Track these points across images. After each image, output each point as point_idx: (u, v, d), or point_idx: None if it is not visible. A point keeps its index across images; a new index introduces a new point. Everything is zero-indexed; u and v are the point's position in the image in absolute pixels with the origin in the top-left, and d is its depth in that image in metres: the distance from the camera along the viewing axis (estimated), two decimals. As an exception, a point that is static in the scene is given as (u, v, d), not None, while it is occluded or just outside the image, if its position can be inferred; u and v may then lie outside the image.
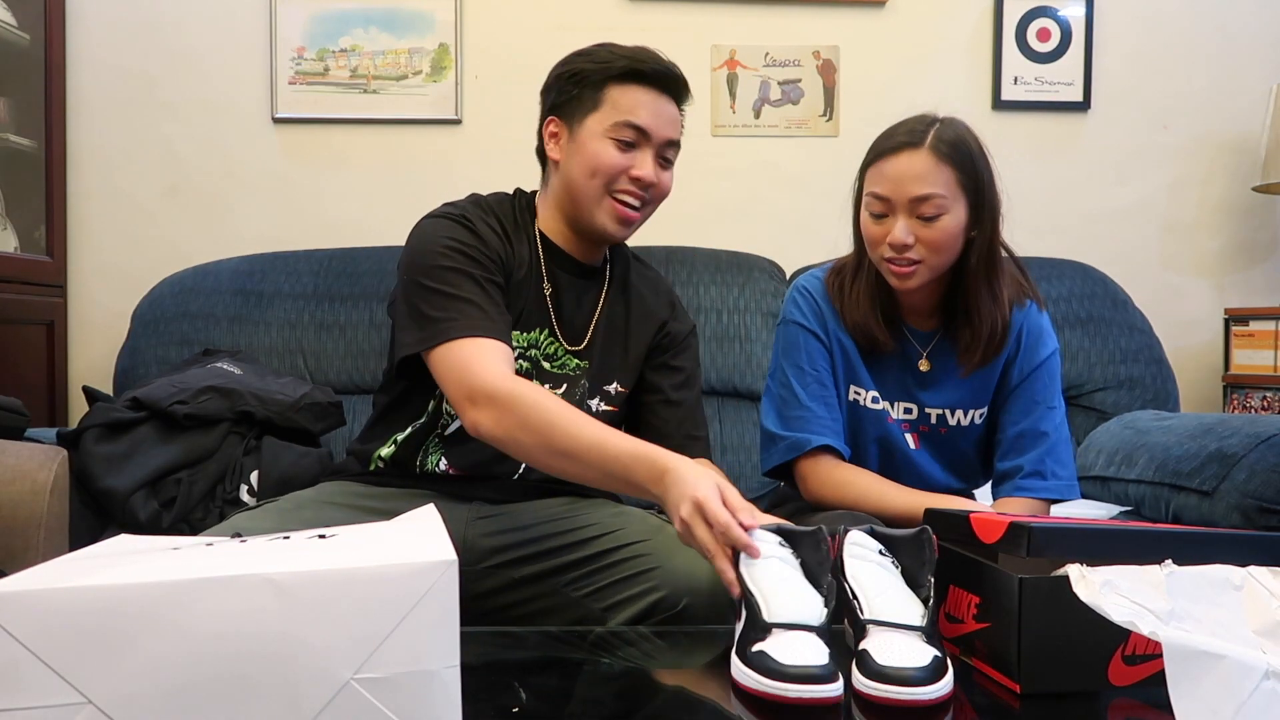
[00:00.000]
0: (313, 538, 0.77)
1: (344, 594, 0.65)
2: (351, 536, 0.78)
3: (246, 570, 0.63)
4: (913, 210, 1.27)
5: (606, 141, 1.31)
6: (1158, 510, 1.76)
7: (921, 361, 1.40)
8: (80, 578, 0.63)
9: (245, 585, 0.63)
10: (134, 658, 0.61)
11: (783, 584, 0.94)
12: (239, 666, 0.63)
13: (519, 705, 0.82)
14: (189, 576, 0.63)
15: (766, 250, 2.32)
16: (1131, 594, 0.80)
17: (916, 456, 1.42)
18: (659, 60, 1.33)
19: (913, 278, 1.30)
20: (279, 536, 0.79)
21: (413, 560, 0.67)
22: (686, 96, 1.37)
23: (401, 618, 0.66)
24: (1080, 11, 2.51)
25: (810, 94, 2.48)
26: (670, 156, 1.36)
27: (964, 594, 0.99)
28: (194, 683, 0.62)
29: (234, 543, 0.77)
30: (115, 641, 0.61)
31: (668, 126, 1.34)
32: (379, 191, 2.42)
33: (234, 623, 0.63)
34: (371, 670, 0.65)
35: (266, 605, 0.63)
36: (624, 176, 1.31)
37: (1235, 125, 2.54)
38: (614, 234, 1.35)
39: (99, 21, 2.37)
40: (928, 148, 1.27)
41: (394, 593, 0.66)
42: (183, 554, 0.72)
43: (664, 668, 1.05)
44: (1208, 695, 0.73)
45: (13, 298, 2.16)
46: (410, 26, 2.41)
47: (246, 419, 1.73)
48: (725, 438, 2.13)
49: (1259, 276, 2.58)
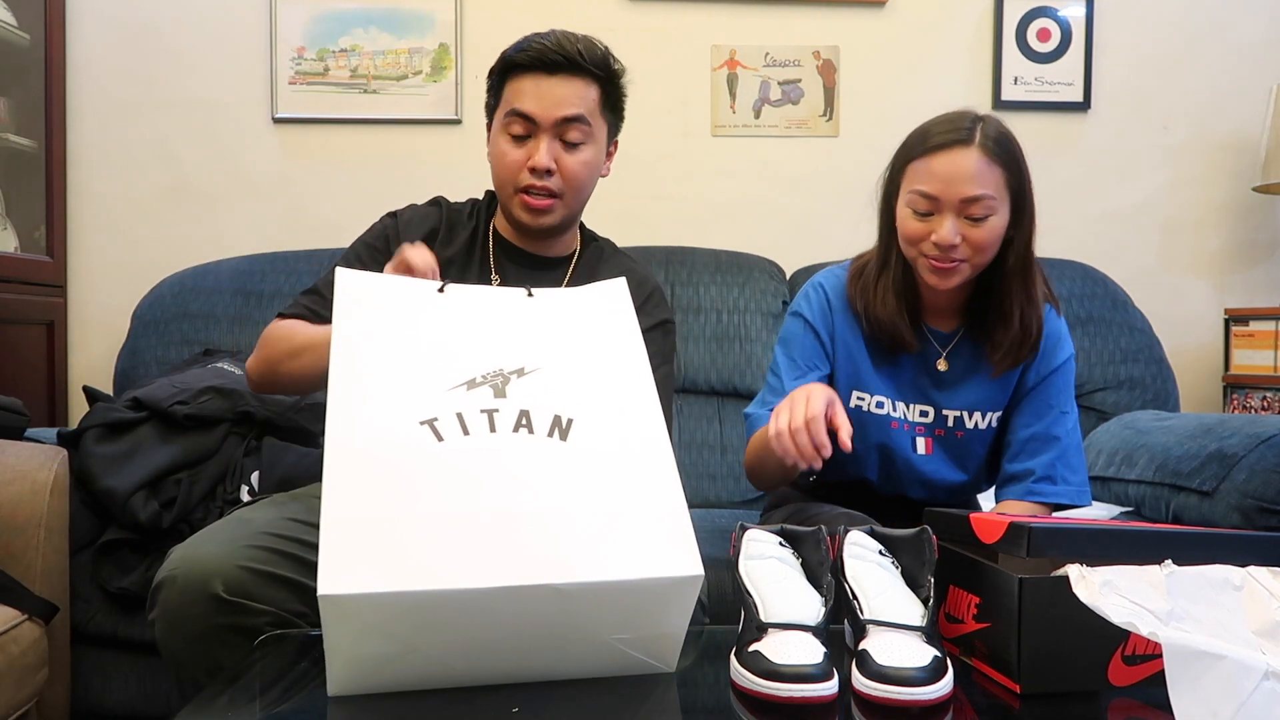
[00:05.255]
0: (552, 430, 0.92)
1: (611, 597, 0.83)
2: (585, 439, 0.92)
3: (538, 581, 0.81)
4: (962, 210, 1.24)
5: (502, 137, 1.33)
6: (1158, 510, 1.76)
7: (940, 362, 1.39)
8: (407, 567, 0.79)
9: (538, 593, 0.81)
10: (449, 632, 0.81)
11: (780, 584, 0.94)
12: (526, 634, 0.84)
13: (518, 705, 0.82)
14: (494, 584, 0.80)
15: (766, 250, 2.32)
16: (1131, 594, 0.80)
17: (921, 462, 1.40)
18: (541, 42, 1.31)
19: (953, 276, 1.28)
20: (521, 423, 0.92)
21: (668, 574, 0.84)
22: (583, 69, 1.31)
23: (653, 608, 0.86)
24: (1080, 11, 2.51)
25: (810, 94, 2.48)
26: (574, 138, 1.31)
27: (964, 594, 0.99)
28: (492, 640, 0.83)
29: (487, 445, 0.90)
30: (436, 623, 0.81)
31: (555, 106, 1.29)
32: (379, 191, 2.41)
33: (526, 613, 0.82)
34: (623, 633, 0.87)
35: (551, 603, 0.82)
36: (524, 170, 1.31)
37: (1235, 125, 2.54)
38: (532, 225, 1.34)
39: (99, 21, 2.37)
40: (978, 146, 1.24)
41: (650, 596, 0.85)
42: (489, 500, 0.86)
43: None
44: (1207, 695, 0.73)
45: (13, 298, 2.16)
46: (410, 26, 2.41)
47: (247, 419, 1.73)
48: (725, 438, 2.13)
49: (1259, 276, 2.58)
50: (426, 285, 1.03)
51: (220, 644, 1.05)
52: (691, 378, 2.16)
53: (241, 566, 1.06)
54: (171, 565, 1.07)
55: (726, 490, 2.10)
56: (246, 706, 0.85)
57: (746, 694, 0.85)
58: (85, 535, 1.61)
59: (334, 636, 0.79)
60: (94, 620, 1.60)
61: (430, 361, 0.94)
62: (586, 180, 1.35)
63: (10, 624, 1.36)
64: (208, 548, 1.08)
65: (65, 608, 1.53)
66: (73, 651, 1.59)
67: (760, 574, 0.96)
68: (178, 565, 1.06)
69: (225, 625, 1.05)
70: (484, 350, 0.97)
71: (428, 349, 0.95)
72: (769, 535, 1.02)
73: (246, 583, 1.06)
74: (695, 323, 2.15)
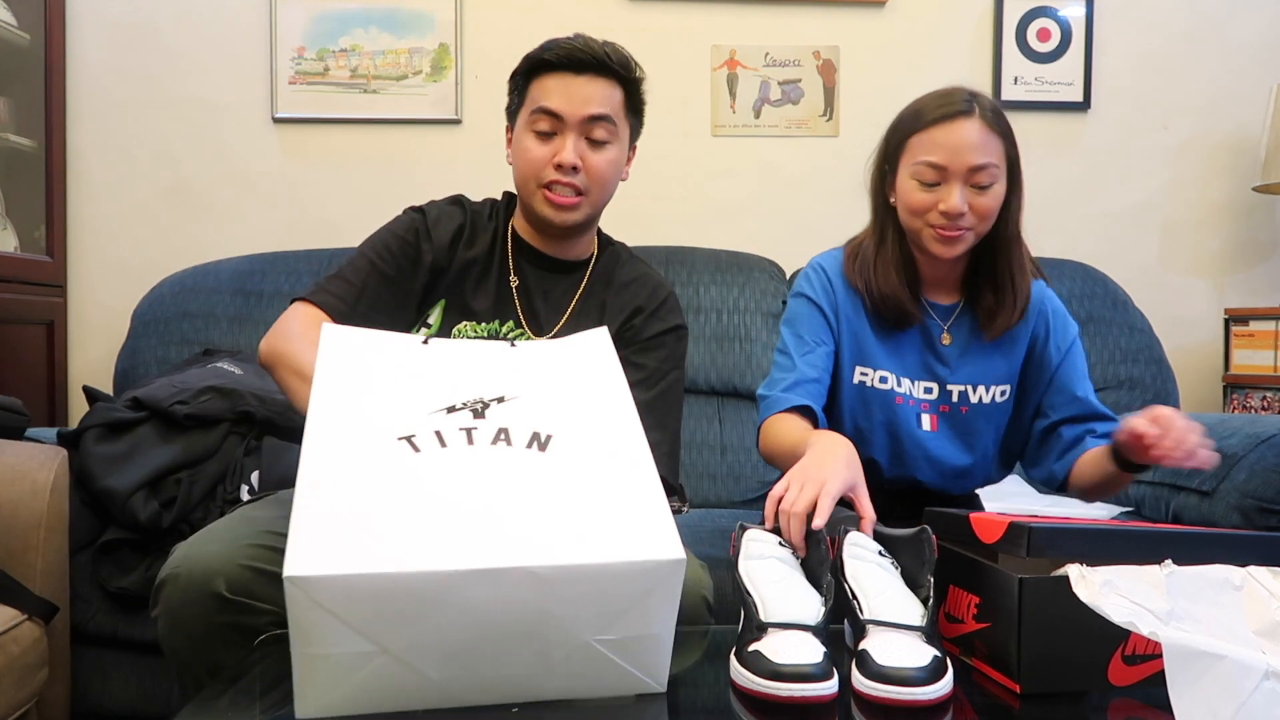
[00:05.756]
0: (530, 443, 0.89)
1: (591, 583, 0.79)
2: (567, 452, 0.89)
3: (513, 563, 0.77)
4: (969, 179, 1.29)
5: (528, 135, 1.33)
6: (1158, 510, 1.76)
7: (944, 335, 1.41)
8: (377, 552, 0.76)
9: (513, 576, 0.77)
10: (421, 624, 0.77)
11: (780, 584, 0.94)
12: (503, 630, 0.79)
13: (517, 704, 0.82)
14: (468, 567, 0.76)
15: (766, 250, 2.32)
16: (1131, 594, 0.81)
17: (928, 439, 1.40)
18: (569, 43, 1.32)
19: (958, 245, 1.32)
20: (500, 439, 0.89)
21: (649, 558, 0.80)
22: (609, 70, 1.33)
23: (635, 600, 0.81)
24: (1080, 11, 2.51)
25: (810, 94, 2.48)
26: (600, 136, 1.33)
27: (964, 594, 0.99)
28: (468, 640, 0.79)
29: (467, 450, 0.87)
30: (407, 612, 0.76)
31: (583, 105, 1.31)
32: (379, 191, 2.42)
33: (502, 601, 0.78)
34: (607, 634, 0.81)
35: (528, 589, 0.78)
36: (549, 167, 1.32)
37: (1235, 125, 2.54)
38: (556, 222, 1.34)
39: (99, 21, 2.37)
40: (979, 117, 1.30)
41: (632, 584, 0.81)
42: (454, 493, 0.83)
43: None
44: (1207, 695, 0.73)
45: (13, 298, 2.16)
46: (410, 26, 2.41)
47: (247, 419, 1.73)
48: (725, 438, 2.13)
49: (1259, 276, 2.58)
50: (410, 339, 1.02)
51: (222, 642, 1.05)
52: (692, 378, 2.16)
53: (244, 565, 1.06)
54: (174, 563, 1.07)
55: (726, 490, 2.10)
56: (247, 706, 0.85)
57: (746, 694, 0.85)
58: (85, 535, 1.61)
59: (301, 632, 0.76)
60: (94, 620, 1.60)
61: (411, 393, 0.93)
62: (611, 179, 1.36)
63: (10, 624, 1.36)
64: (211, 546, 1.08)
65: (65, 608, 1.53)
66: (73, 651, 1.59)
67: (760, 574, 0.96)
68: (181, 563, 1.07)
69: (227, 624, 1.05)
70: (465, 384, 0.95)
71: (409, 384, 0.94)
72: (769, 535, 1.02)
73: (249, 581, 1.06)
74: (695, 323, 2.15)
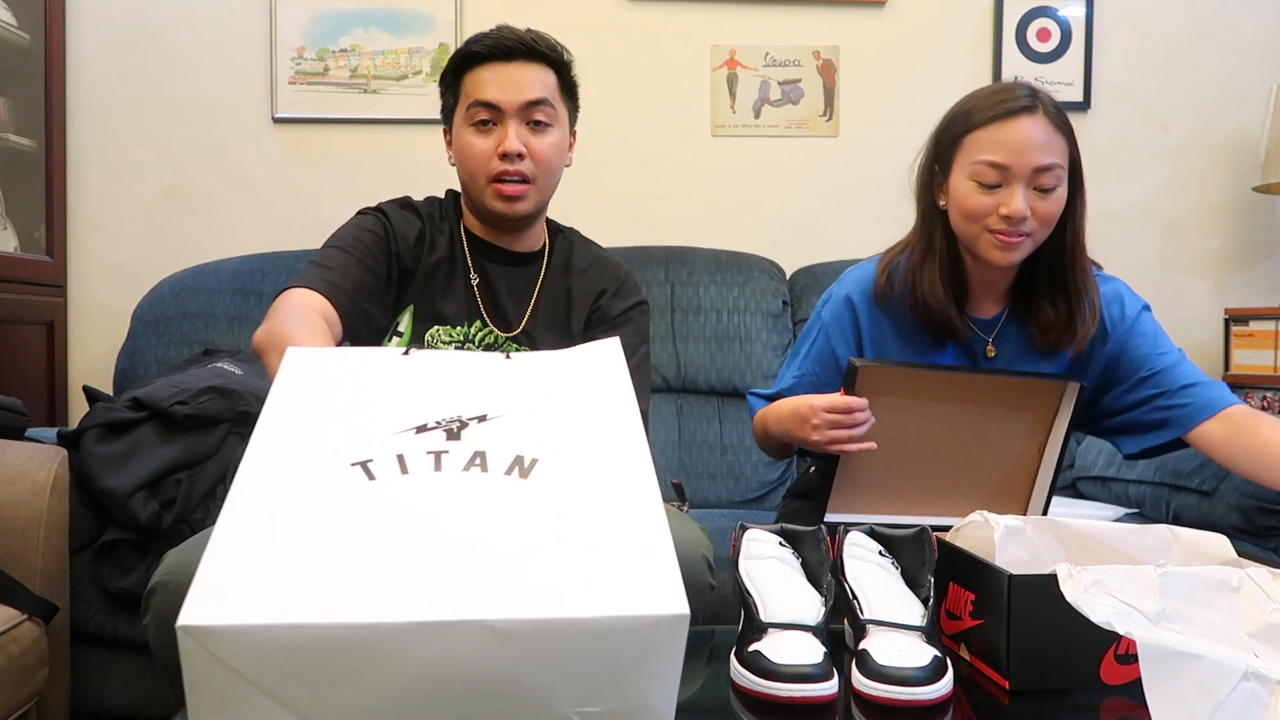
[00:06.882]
0: (511, 468, 0.73)
1: (569, 643, 0.62)
2: (554, 469, 0.73)
3: (468, 616, 0.61)
4: (1033, 180, 1.21)
5: (468, 130, 1.33)
6: (1158, 510, 1.76)
7: (988, 348, 1.36)
8: (299, 599, 0.60)
9: (468, 631, 0.60)
10: (354, 689, 0.61)
11: (780, 584, 0.95)
12: (456, 698, 0.62)
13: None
14: (411, 620, 0.60)
15: (766, 250, 2.32)
16: (1121, 594, 0.80)
17: None
18: (495, 33, 1.32)
19: (1017, 251, 1.24)
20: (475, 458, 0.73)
21: (644, 613, 0.62)
22: (539, 54, 1.32)
23: (627, 664, 0.63)
24: (1080, 11, 2.51)
25: (810, 94, 2.48)
26: (541, 118, 1.31)
27: (962, 590, 0.99)
28: (412, 710, 0.62)
29: (431, 477, 0.71)
30: (335, 676, 0.60)
31: (518, 91, 1.30)
32: (379, 192, 2.38)
33: (456, 662, 0.61)
34: (589, 705, 0.64)
35: (489, 648, 0.61)
36: (494, 159, 1.31)
37: (1235, 125, 2.54)
38: (508, 214, 1.34)
39: (99, 21, 2.37)
40: (1043, 114, 1.21)
41: (622, 644, 0.62)
42: (400, 535, 0.66)
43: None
44: (1184, 695, 0.73)
45: (13, 298, 2.16)
46: (410, 26, 2.41)
47: (247, 419, 1.73)
48: (725, 438, 2.13)
49: (1259, 276, 2.58)
50: (389, 351, 0.93)
51: None
52: (691, 378, 2.16)
53: None
54: (164, 570, 1.06)
55: (726, 490, 2.10)
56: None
57: (746, 694, 0.86)
58: (85, 535, 1.61)
59: (198, 696, 0.60)
60: (94, 620, 1.60)
61: (377, 410, 0.78)
62: (556, 164, 1.35)
63: (10, 624, 1.36)
64: (200, 553, 1.08)
65: (65, 608, 1.53)
66: (73, 651, 1.59)
67: (760, 574, 0.96)
68: (170, 570, 1.05)
69: None
70: (443, 400, 0.80)
71: (377, 400, 0.79)
72: (769, 535, 1.02)
73: None
74: (695, 323, 2.15)
